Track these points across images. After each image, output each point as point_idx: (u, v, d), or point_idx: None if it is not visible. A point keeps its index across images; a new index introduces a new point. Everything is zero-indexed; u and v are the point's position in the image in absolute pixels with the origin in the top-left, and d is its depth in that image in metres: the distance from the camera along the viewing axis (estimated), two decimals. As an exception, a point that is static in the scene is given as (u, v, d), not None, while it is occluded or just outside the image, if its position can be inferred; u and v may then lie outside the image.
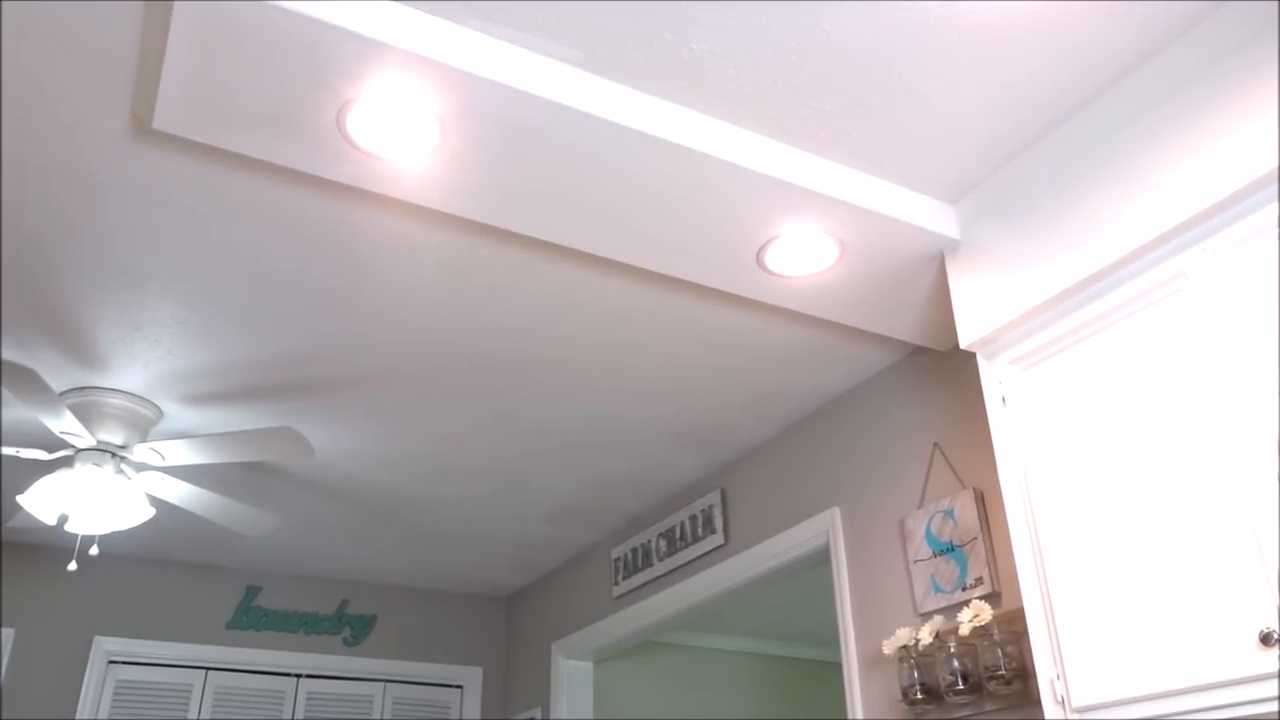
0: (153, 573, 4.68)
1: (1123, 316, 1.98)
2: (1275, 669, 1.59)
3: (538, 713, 4.78)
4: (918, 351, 3.04)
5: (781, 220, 2.28)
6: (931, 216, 2.38)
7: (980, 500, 2.68)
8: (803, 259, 2.43)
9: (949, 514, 2.74)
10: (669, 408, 3.40)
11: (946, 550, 2.73)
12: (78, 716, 4.28)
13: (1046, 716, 1.94)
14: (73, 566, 3.07)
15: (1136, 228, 1.95)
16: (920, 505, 2.88)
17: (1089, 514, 1.96)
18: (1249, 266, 1.77)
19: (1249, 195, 1.79)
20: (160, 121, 1.94)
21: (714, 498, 3.82)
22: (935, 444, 2.89)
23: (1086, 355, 2.04)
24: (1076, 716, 1.89)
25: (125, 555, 4.64)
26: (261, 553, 4.68)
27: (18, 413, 3.27)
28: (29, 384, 2.69)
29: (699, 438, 3.63)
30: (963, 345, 2.31)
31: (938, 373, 2.95)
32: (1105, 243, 2.01)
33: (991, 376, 2.26)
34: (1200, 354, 1.81)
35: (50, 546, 4.51)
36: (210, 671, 4.64)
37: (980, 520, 2.65)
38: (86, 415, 3.10)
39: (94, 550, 3.25)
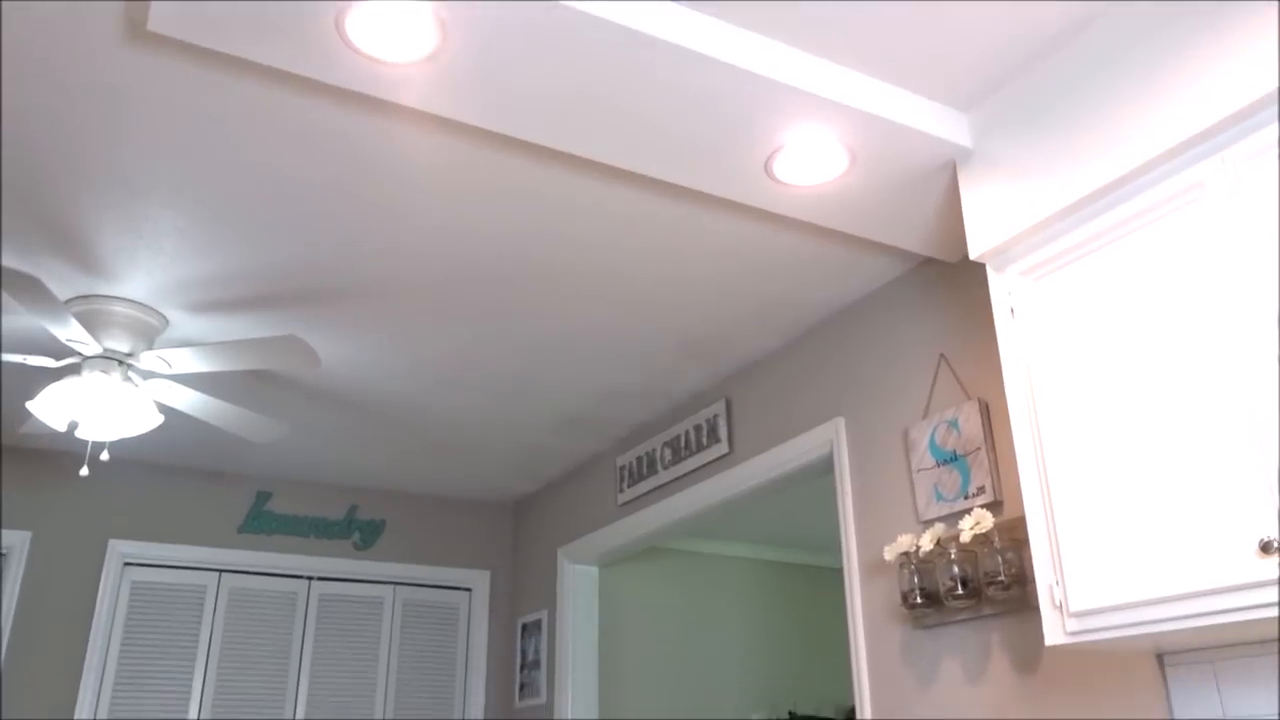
0: (164, 478, 4.75)
1: (1138, 226, 1.95)
2: (1273, 576, 1.61)
3: (544, 614, 4.90)
4: (926, 263, 3.02)
5: (790, 127, 2.24)
6: (944, 124, 2.33)
7: (985, 411, 2.69)
8: (812, 167, 2.39)
9: (953, 424, 2.76)
10: (674, 319, 3.39)
11: (950, 460, 2.75)
12: (96, 617, 4.40)
13: (1044, 621, 1.98)
14: (84, 472, 3.10)
15: (1154, 137, 1.91)
16: (925, 416, 2.89)
17: (1093, 424, 1.97)
18: (1268, 176, 1.73)
19: (1268, 105, 1.75)
20: (155, 24, 1.89)
21: (719, 408, 3.84)
22: (941, 355, 2.89)
23: (1098, 266, 2.02)
24: (1073, 621, 1.93)
25: (137, 461, 4.70)
26: (271, 459, 4.74)
27: (24, 320, 3.27)
28: (33, 291, 2.68)
29: (704, 348, 3.63)
30: (972, 256, 2.29)
31: (945, 284, 2.93)
32: (1122, 152, 1.97)
33: (1001, 288, 2.24)
34: (1215, 264, 1.80)
35: (64, 451, 4.57)
36: (224, 574, 4.75)
37: (984, 430, 2.66)
38: (92, 323, 3.10)
39: (105, 456, 3.29)
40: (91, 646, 4.35)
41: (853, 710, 5.03)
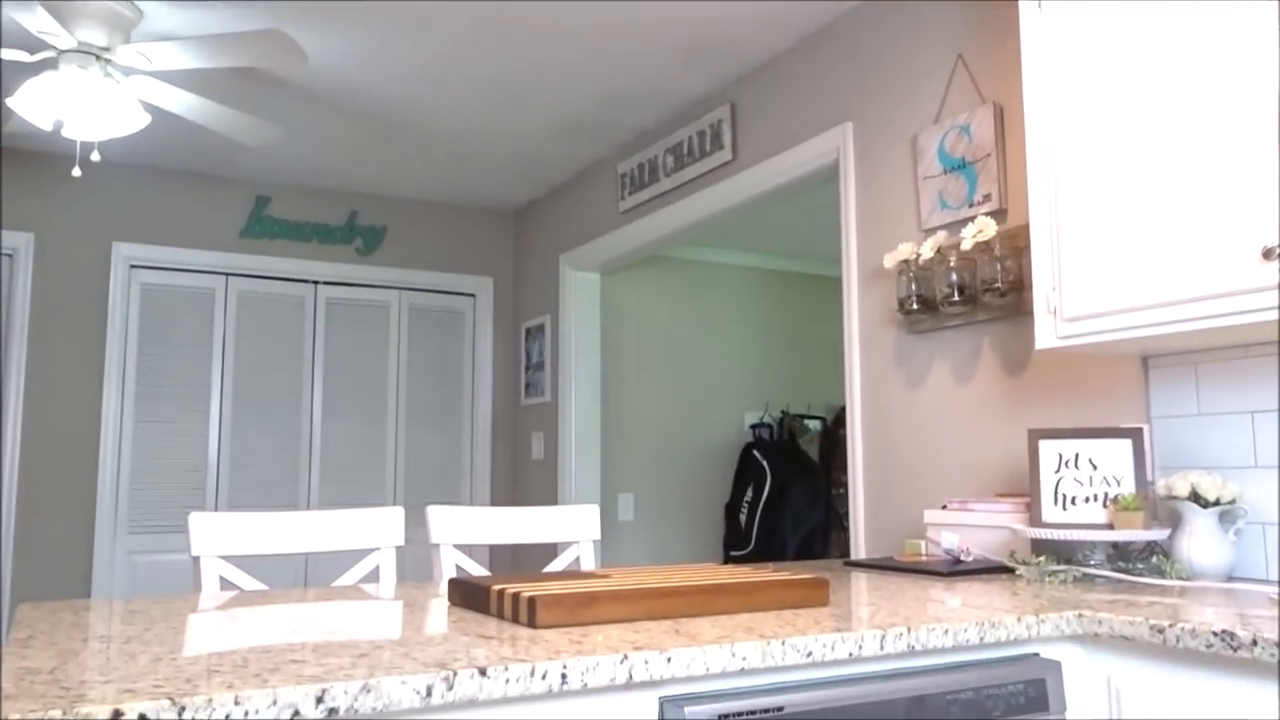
0: (162, 181, 4.69)
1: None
2: (1273, 282, 1.61)
3: (547, 319, 5.02)
4: (952, -49, 2.80)
5: None
6: None
7: (999, 115, 2.60)
8: None
9: (965, 130, 2.67)
10: (678, 15, 3.19)
11: (958, 167, 2.69)
12: (110, 319, 4.51)
13: (1037, 325, 2.01)
14: (76, 173, 3.05)
15: None
16: (936, 121, 2.80)
17: (1108, 128, 1.90)
18: None
19: None
20: None
21: (723, 112, 3.71)
22: (959, 56, 2.74)
23: (1139, -47, 1.87)
24: (1066, 325, 1.96)
25: (133, 164, 4.63)
26: (268, 163, 4.66)
27: (-10, 10, 3.09)
28: (-7, -24, 2.50)
29: (710, 49, 3.45)
30: (1003, -59, 2.11)
31: (971, -25, 2.73)
32: None
33: (1030, -23, 2.08)
34: (1265, -49, 1.66)
35: (60, 154, 4.48)
36: (230, 277, 4.81)
37: (996, 136, 2.59)
38: (61, 14, 2.92)
39: (95, 156, 3.22)
40: (110, 347, 4.49)
41: (843, 410, 5.28)
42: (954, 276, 2.59)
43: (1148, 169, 1.83)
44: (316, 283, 5.00)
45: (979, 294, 2.53)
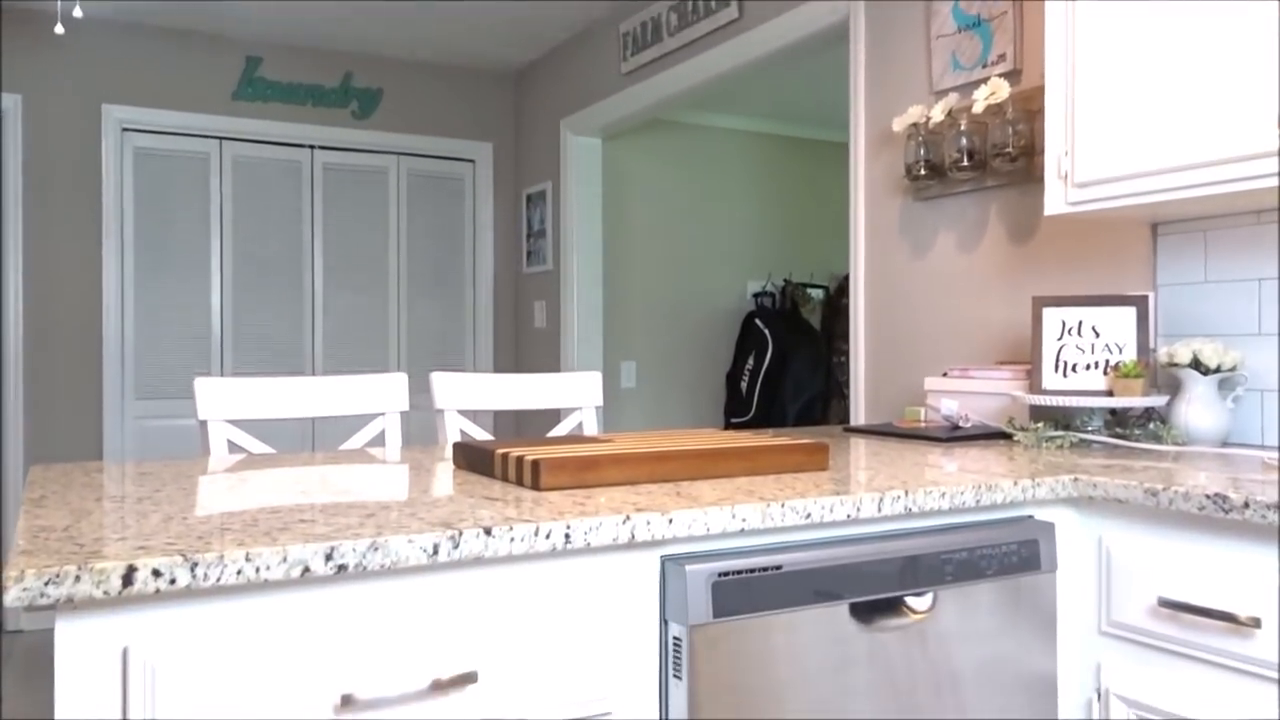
0: (150, 41, 4.54)
1: None
2: (1291, 146, 1.58)
3: (548, 186, 4.94)
4: None
5: None
6: None
7: (1018, -30, 2.49)
8: None
9: (981, -15, 2.57)
10: None
11: (973, 25, 2.60)
12: (105, 184, 4.44)
13: (1047, 191, 1.98)
14: (59, 29, 2.95)
15: None
16: (952, -25, 2.69)
17: (1135, -17, 1.82)
18: None
19: None
20: None
21: (730, -34, 3.56)
22: (979, -96, 2.61)
23: None
24: (1077, 191, 1.92)
25: (118, 21, 4.47)
26: (256, 20, 4.50)
27: None
28: None
29: (717, -105, 3.28)
30: None
31: None
32: None
33: None
34: None
35: (41, 11, 4.33)
36: (224, 141, 4.71)
37: (1014, -8, 2.49)
38: None
39: (78, 12, 3.11)
40: (106, 212, 4.43)
41: (845, 278, 5.26)
42: (964, 141, 2.53)
43: (1166, 30, 1.76)
44: (313, 147, 4.90)
45: (989, 159, 2.48)
